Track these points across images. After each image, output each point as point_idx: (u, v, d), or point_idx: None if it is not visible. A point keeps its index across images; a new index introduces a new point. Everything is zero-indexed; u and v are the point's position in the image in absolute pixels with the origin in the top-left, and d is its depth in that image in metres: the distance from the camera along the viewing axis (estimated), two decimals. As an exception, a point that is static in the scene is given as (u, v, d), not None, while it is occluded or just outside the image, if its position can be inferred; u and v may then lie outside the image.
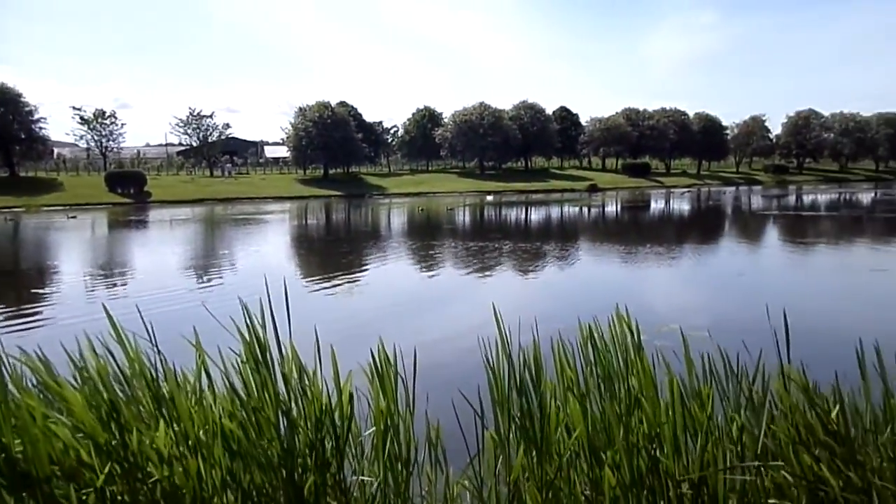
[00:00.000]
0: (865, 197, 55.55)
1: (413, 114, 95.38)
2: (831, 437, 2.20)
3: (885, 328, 9.48)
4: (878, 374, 3.26)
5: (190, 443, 2.31)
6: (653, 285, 15.17)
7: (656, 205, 50.24)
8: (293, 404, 2.53)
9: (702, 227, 33.50)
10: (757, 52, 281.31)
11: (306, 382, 2.59)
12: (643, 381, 2.53)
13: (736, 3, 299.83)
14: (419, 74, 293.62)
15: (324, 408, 2.53)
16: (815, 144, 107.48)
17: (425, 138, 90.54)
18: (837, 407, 2.46)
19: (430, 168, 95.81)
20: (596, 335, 2.82)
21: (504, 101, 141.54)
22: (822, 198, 54.61)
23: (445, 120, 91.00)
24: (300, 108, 78.93)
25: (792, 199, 54.83)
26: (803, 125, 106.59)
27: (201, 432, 2.36)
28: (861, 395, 3.21)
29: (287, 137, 78.94)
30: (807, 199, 54.36)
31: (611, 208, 46.98)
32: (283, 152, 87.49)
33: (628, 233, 29.72)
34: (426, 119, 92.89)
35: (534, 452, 2.62)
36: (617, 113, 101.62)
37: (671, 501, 2.32)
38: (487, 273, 16.71)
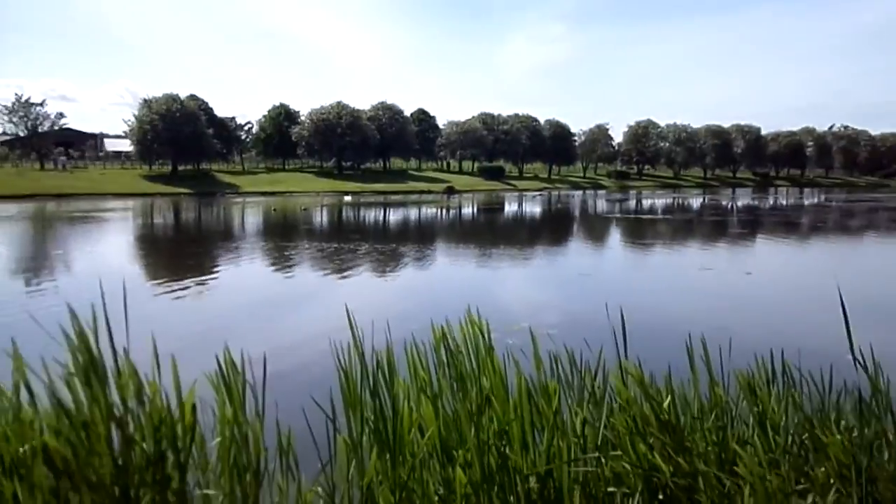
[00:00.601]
0: (695, 202, 60.59)
1: (269, 111, 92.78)
2: (663, 427, 2.36)
3: (713, 322, 10.37)
4: (705, 365, 3.55)
5: (5, 464, 2.09)
6: (507, 285, 15.67)
7: (510, 207, 52.03)
8: (129, 418, 2.35)
9: (552, 229, 35.08)
10: (601, 64, 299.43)
11: (145, 393, 2.42)
12: (493, 381, 2.59)
13: (581, 16, 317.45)
14: (275, 71, 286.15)
15: (164, 419, 2.37)
16: (653, 153, 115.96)
17: (281, 136, 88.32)
18: (669, 398, 2.64)
19: (286, 167, 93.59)
20: (448, 336, 2.85)
21: (362, 102, 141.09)
22: (659, 202, 58.93)
23: (302, 118, 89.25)
24: (146, 100, 74.44)
25: (633, 203, 58.70)
26: (642, 134, 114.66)
27: (20, 452, 2.14)
28: (691, 385, 3.48)
29: (131, 130, 74.09)
30: (646, 203, 58.42)
31: (467, 210, 48.08)
32: (126, 146, 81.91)
33: (484, 234, 30.55)
34: (282, 117, 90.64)
35: (387, 455, 2.60)
36: (473, 117, 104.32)
37: (520, 496, 2.39)
38: (344, 275, 16.55)
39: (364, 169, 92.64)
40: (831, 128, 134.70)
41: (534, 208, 50.44)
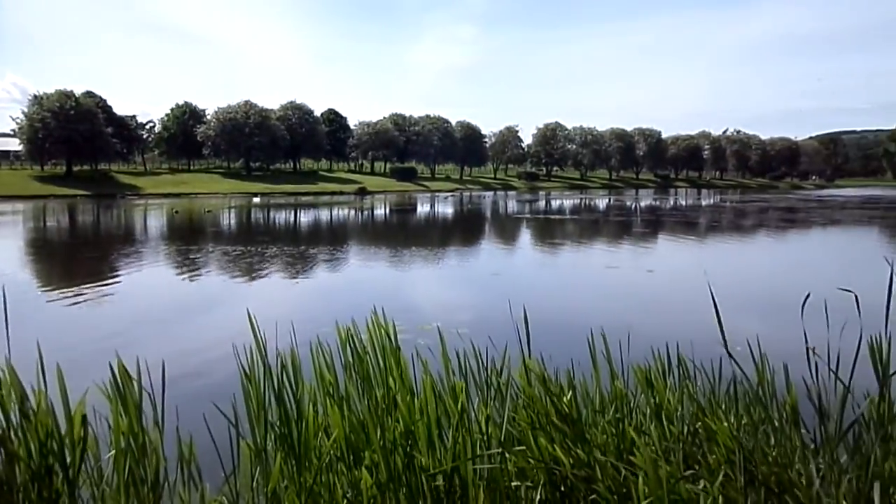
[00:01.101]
0: (601, 202, 62.58)
1: (172, 109, 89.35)
2: (563, 421, 2.43)
3: (616, 318, 10.75)
4: (607, 360, 3.68)
5: None
6: (420, 286, 15.71)
7: (423, 208, 52.20)
8: (12, 433, 2.22)
9: (464, 229, 35.43)
10: (511, 66, 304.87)
11: (29, 406, 2.29)
12: (399, 381, 2.60)
13: (491, 19, 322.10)
14: (180, 69, 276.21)
15: (51, 433, 2.25)
16: (561, 154, 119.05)
17: (186, 136, 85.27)
18: (571, 392, 2.72)
19: (191, 168, 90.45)
20: (354, 338, 2.84)
21: (271, 101, 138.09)
22: (568, 203, 60.56)
23: (208, 117, 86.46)
24: (36, 97, 70.25)
25: (542, 203, 60.06)
26: (551, 136, 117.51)
27: None
28: (593, 380, 3.60)
29: (19, 129, 69.72)
30: (555, 203, 59.90)
31: (380, 211, 47.91)
32: (14, 145, 76.99)
33: (396, 235, 30.52)
34: (187, 115, 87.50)
35: (292, 460, 2.56)
36: (385, 118, 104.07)
37: (426, 495, 2.40)
38: (251, 278, 16.16)
39: (273, 170, 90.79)
40: (725, 132, 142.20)
41: (446, 209, 50.80)
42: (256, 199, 58.93)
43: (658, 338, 4.41)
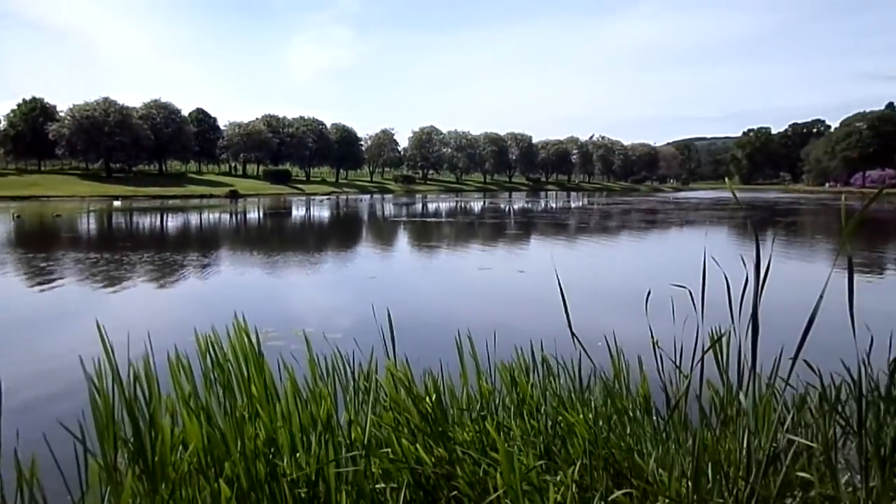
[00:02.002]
0: (476, 205, 63.93)
1: (19, 105, 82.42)
2: (426, 421, 2.47)
3: (486, 318, 11.02)
4: (474, 359, 3.76)
5: None
6: (294, 291, 15.40)
7: (298, 211, 51.21)
8: None
9: (341, 233, 35.09)
10: (387, 70, 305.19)
11: None
12: (261, 388, 2.54)
13: (367, 22, 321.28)
14: (25, 61, 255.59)
15: None
16: (437, 158, 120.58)
17: (36, 134, 78.92)
18: (436, 393, 2.77)
19: (42, 168, 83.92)
20: (215, 345, 2.74)
21: (133, 99, 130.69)
22: (444, 206, 61.38)
23: (62, 114, 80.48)
24: None
25: (419, 206, 60.54)
26: (427, 140, 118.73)
27: None
28: (460, 379, 3.67)
29: None
30: (431, 206, 60.54)
31: (253, 215, 46.53)
32: None
33: (271, 239, 29.76)
34: (37, 112, 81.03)
35: (147, 476, 2.44)
36: (257, 119, 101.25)
37: (288, 501, 2.36)
38: (108, 287, 15.22)
39: (137, 171, 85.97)
40: (591, 137, 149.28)
41: (322, 212, 50.11)
42: (117, 203, 55.54)
43: (525, 336, 4.56)
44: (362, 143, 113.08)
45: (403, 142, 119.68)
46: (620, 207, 59.40)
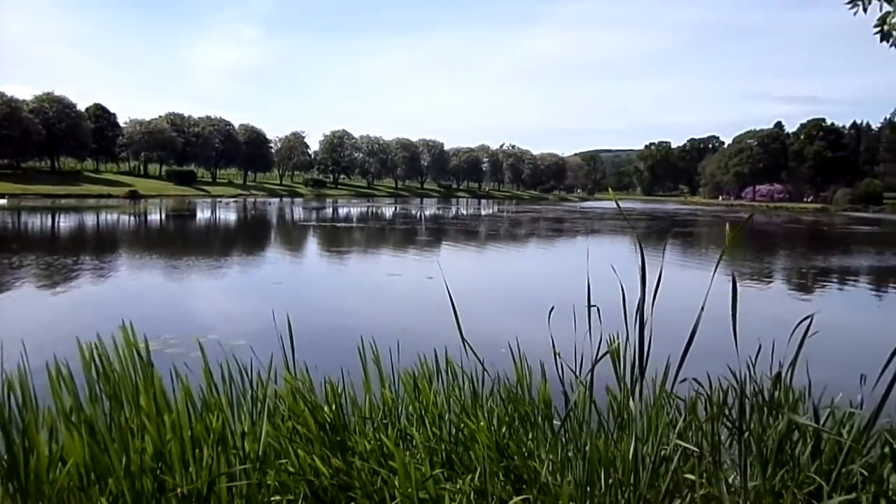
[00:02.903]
0: (388, 211, 63.79)
1: None
2: (324, 430, 2.42)
3: (394, 325, 10.97)
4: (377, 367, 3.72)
5: None
6: (196, 297, 14.87)
7: (203, 214, 49.57)
8: None
9: (247, 237, 34.20)
10: (299, 72, 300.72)
11: None
12: (150, 400, 2.41)
13: (278, 22, 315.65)
14: None
15: None
16: (348, 162, 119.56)
17: None
18: (335, 401, 2.71)
19: (-83, 163, 77.75)
20: (100, 356, 2.59)
21: (23, 91, 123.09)
22: (355, 211, 60.89)
23: (-61, 106, 74.81)
24: None
25: (329, 211, 59.81)
26: (338, 144, 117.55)
27: None
28: (363, 387, 3.63)
29: None
30: (342, 211, 59.94)
31: (155, 217, 44.70)
32: None
33: (173, 243, 28.65)
34: None
35: (19, 495, 2.27)
36: (161, 117, 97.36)
37: (177, 518, 2.25)
38: (-2, 290, 14.25)
39: (27, 168, 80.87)
40: (502, 146, 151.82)
41: (228, 215, 48.69)
42: (3, 202, 52.06)
43: (431, 343, 4.56)
44: (272, 145, 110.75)
45: (314, 145, 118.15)
46: (529, 216, 60.66)
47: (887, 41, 3.34)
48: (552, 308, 3.59)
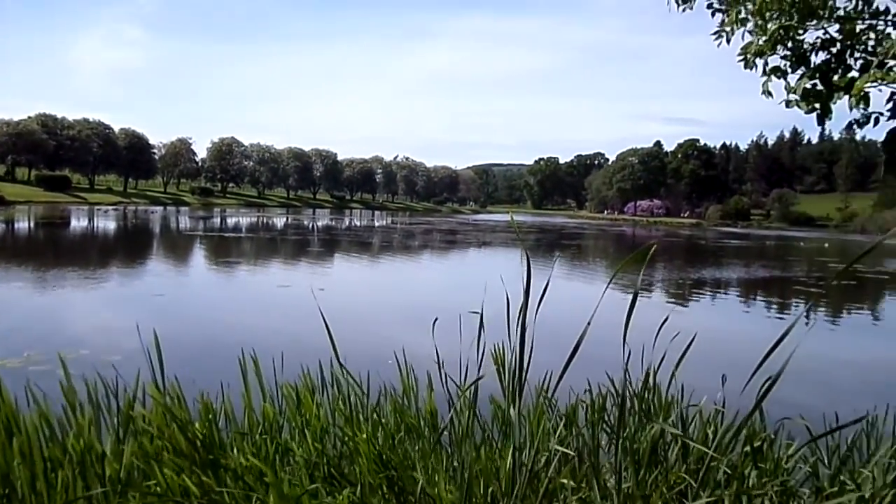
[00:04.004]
0: (279, 221, 62.37)
1: None
2: (195, 449, 2.30)
3: (282, 337, 10.70)
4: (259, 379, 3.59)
5: None
6: (70, 309, 13.94)
7: (78, 222, 46.65)
8: None
9: (127, 246, 32.47)
10: (186, 76, 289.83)
11: None
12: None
13: (163, 24, 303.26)
14: None
15: None
16: (238, 170, 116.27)
17: None
18: (211, 417, 2.59)
19: None
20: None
21: None
22: (244, 220, 59.15)
23: None
24: None
25: (217, 220, 57.80)
26: (227, 151, 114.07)
27: None
28: (242, 401, 3.49)
29: None
30: (230, 221, 58.07)
31: (23, 224, 41.63)
32: None
33: (44, 252, 26.76)
34: None
35: None
36: (30, 118, 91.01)
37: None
38: None
39: None
40: (396, 158, 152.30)
41: (107, 224, 46.06)
42: None
43: (318, 354, 4.46)
44: (155, 151, 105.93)
45: (202, 152, 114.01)
46: (423, 227, 61.03)
47: (750, 69, 3.59)
48: (436, 319, 3.61)
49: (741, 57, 3.89)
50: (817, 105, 3.32)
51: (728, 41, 3.86)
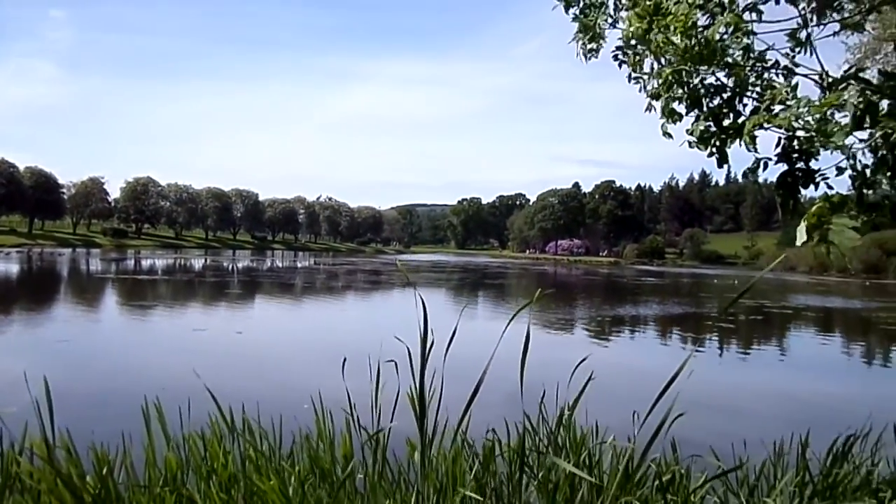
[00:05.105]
0: (197, 262, 60.56)
1: None
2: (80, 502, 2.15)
3: (190, 383, 10.29)
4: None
5: None
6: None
7: (-24, 265, 43.94)
8: None
9: (31, 290, 30.77)
10: (99, 114, 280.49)
11: None
12: None
13: (77, 61, 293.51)
14: None
15: None
16: (154, 211, 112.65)
17: None
18: (106, 468, 2.44)
19: None
20: None
21: None
22: (160, 263, 57.12)
23: None
24: None
25: (131, 263, 55.62)
26: (142, 191, 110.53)
27: None
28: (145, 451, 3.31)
29: None
30: (145, 263, 55.98)
31: (-87, 268, 38.90)
32: None
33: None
34: None
35: None
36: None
37: None
38: None
39: None
40: (319, 198, 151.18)
41: (9, 266, 43.58)
42: None
43: (233, 399, 4.30)
44: (65, 190, 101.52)
45: (116, 192, 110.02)
46: (346, 268, 60.47)
47: (648, 111, 3.76)
48: (345, 359, 3.55)
49: (647, 106, 4.07)
50: (715, 148, 3.50)
51: (645, 87, 4.03)
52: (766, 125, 2.94)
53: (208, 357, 13.64)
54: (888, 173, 2.87)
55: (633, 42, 3.66)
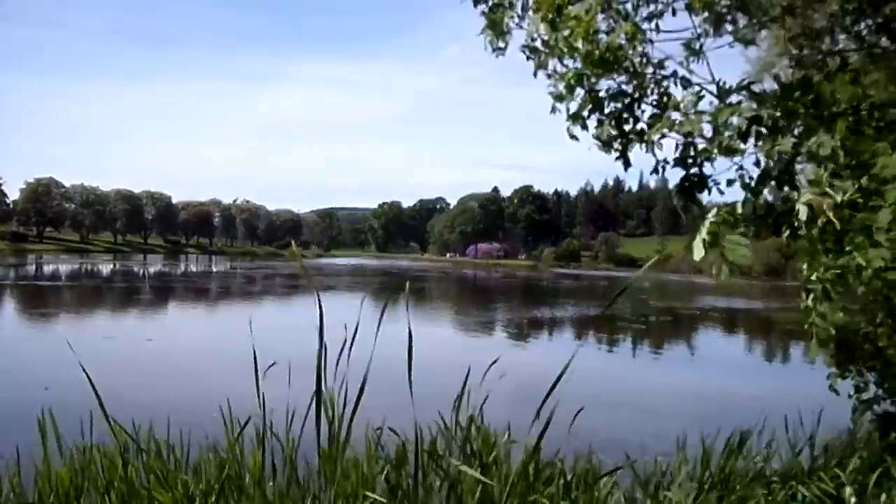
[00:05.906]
0: (106, 268, 57.98)
1: None
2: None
3: (106, 392, 9.87)
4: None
5: None
6: None
7: None
8: None
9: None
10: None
11: None
12: None
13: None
14: None
15: None
16: (57, 213, 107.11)
17: None
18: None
19: None
20: None
21: None
22: (64, 268, 54.35)
23: None
24: None
25: (32, 268, 52.69)
26: (44, 193, 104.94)
27: None
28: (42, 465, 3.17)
29: None
30: (47, 269, 53.15)
31: None
32: None
33: None
34: None
35: None
36: None
37: None
38: None
39: None
40: (235, 201, 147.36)
41: None
42: None
43: (138, 411, 4.15)
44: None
45: (14, 193, 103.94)
46: (264, 272, 59.19)
47: (553, 113, 3.86)
48: (256, 365, 3.49)
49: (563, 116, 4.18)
50: (618, 151, 3.64)
51: (551, 89, 4.12)
52: (666, 132, 3.08)
53: (118, 366, 13.08)
54: (772, 183, 3.06)
55: (536, 45, 3.76)
